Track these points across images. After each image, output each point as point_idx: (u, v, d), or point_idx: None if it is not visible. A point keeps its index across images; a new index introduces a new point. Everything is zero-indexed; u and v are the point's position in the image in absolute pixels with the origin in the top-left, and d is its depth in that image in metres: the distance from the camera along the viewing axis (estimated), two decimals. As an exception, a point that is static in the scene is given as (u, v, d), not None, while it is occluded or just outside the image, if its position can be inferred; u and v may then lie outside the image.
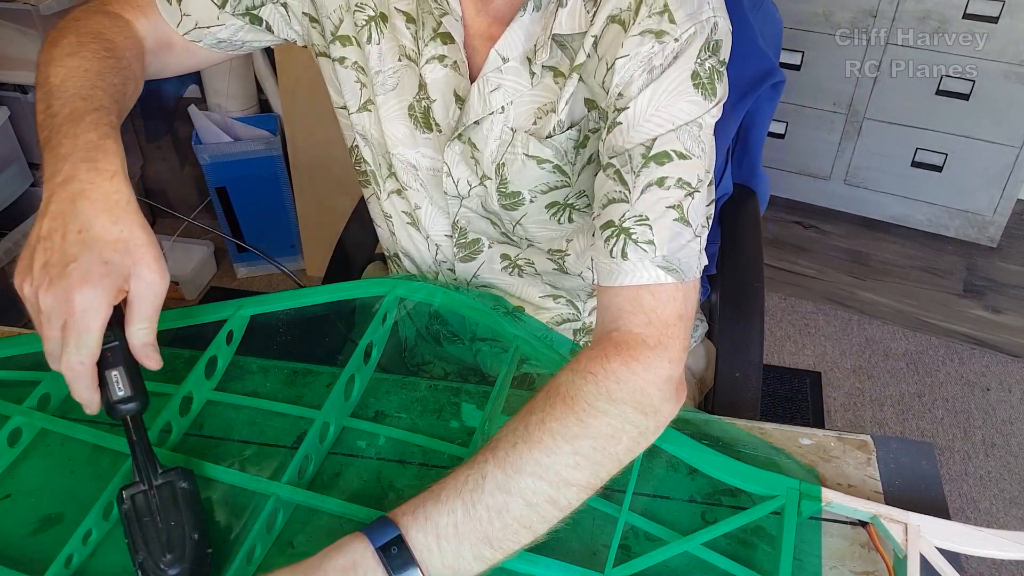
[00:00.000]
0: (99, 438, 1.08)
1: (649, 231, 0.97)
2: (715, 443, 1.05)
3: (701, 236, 1.00)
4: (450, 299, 1.23)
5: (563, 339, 1.17)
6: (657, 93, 0.99)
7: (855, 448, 1.07)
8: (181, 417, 1.11)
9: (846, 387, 2.81)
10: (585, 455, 0.88)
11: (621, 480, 1.01)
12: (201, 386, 1.15)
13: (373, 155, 1.29)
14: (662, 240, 0.96)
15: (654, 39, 1.00)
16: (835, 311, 3.09)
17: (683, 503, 1.01)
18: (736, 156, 1.71)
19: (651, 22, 1.00)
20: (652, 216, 0.97)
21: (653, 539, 0.96)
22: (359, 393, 1.15)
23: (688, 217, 0.98)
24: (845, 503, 0.96)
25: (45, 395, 1.14)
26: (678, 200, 0.97)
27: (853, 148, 2.85)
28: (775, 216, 3.03)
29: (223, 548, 0.97)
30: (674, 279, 0.96)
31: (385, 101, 1.21)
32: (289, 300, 1.23)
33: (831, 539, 0.97)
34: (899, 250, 2.94)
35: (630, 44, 1.00)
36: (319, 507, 0.99)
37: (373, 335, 1.17)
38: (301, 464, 1.02)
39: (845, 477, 1.03)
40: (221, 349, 1.18)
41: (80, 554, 0.96)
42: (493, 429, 1.09)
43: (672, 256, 0.96)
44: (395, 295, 1.22)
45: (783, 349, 2.95)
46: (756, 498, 0.99)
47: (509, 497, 0.86)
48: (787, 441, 1.08)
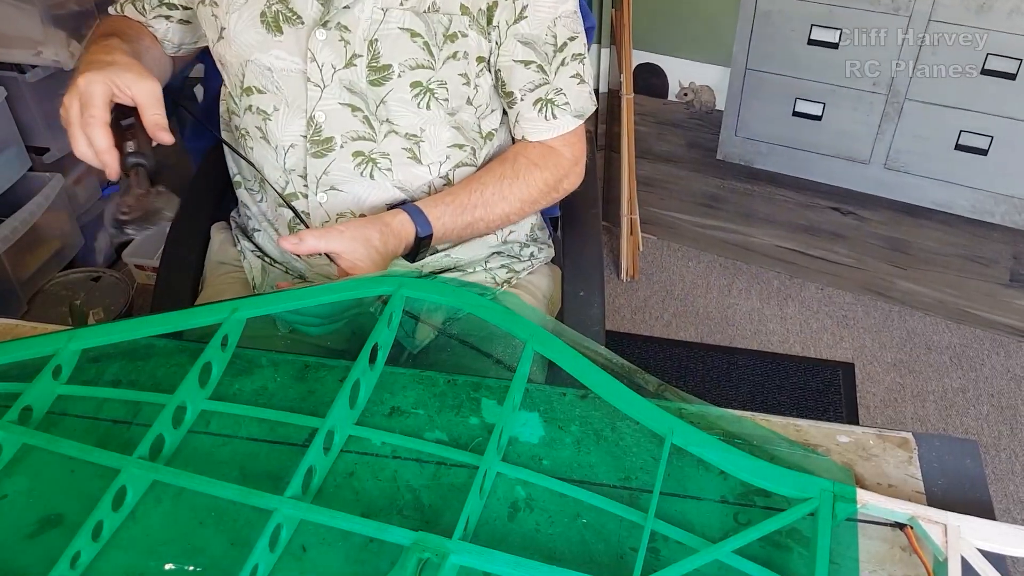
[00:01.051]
0: (84, 452, 1.06)
1: (565, 97, 1.50)
2: (745, 443, 1.05)
3: (589, 82, 1.54)
4: (459, 297, 1.21)
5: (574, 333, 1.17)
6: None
7: (895, 446, 1.07)
8: (174, 429, 1.09)
9: (886, 382, 2.80)
10: (526, 199, 1.52)
11: (648, 482, 1.01)
12: (195, 395, 1.13)
13: (230, 79, 1.51)
14: (573, 99, 1.51)
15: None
16: (874, 302, 3.07)
17: (714, 504, 1.01)
18: None
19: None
20: (566, 87, 1.50)
21: (683, 543, 0.96)
22: (365, 398, 1.14)
23: (585, 77, 1.52)
24: (881, 504, 0.96)
25: (27, 408, 1.13)
26: (577, 70, 1.51)
27: (893, 130, 2.83)
28: (810, 202, 3.02)
29: (222, 569, 0.96)
30: (581, 120, 1.55)
31: (239, 17, 1.41)
32: (287, 302, 1.21)
33: (870, 542, 0.96)
34: (942, 237, 2.92)
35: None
36: (325, 523, 0.98)
37: (379, 336, 1.16)
38: (305, 476, 1.01)
39: (885, 476, 1.03)
40: (216, 355, 1.16)
41: (88, 551, 0.96)
42: (512, 427, 1.09)
43: (581, 108, 1.53)
44: (401, 294, 1.20)
45: (820, 342, 2.94)
46: (789, 500, 0.99)
47: (481, 211, 1.47)
48: (824, 439, 1.07)
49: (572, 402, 1.13)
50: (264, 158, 1.51)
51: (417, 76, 1.41)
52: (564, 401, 1.13)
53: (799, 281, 3.17)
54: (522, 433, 1.09)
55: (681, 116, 3.06)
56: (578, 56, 1.49)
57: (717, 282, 3.19)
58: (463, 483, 1.03)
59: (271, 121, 1.46)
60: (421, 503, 1.01)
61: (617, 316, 3.06)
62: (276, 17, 1.39)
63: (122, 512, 1.01)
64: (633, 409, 1.06)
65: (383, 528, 0.93)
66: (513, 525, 0.99)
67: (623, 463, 1.06)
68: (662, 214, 3.33)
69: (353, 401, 1.11)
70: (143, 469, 1.03)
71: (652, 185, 3.26)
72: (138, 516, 1.02)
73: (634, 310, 3.08)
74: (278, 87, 1.44)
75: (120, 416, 1.14)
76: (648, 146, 3.17)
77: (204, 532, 1.00)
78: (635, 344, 2.95)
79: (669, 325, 3.03)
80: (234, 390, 1.17)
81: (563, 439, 1.08)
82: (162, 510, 1.03)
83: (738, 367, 2.87)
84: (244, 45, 1.42)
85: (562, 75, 1.49)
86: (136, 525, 1.01)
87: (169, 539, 1.00)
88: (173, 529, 1.01)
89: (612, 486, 1.03)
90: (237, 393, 1.16)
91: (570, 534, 0.98)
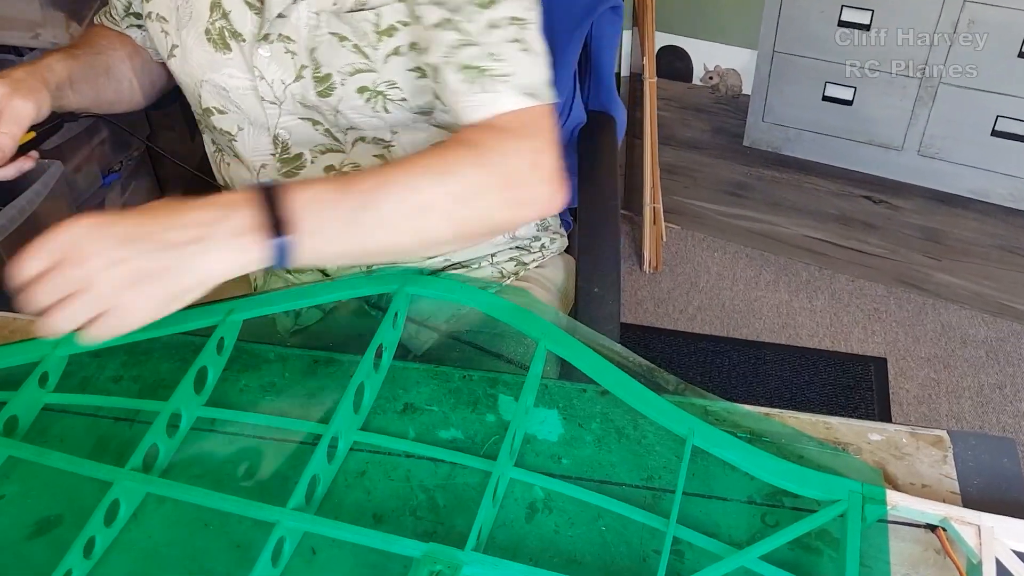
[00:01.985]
0: (74, 465, 1.06)
1: (505, 65, 1.17)
2: (771, 443, 1.05)
3: (542, 57, 1.21)
4: (467, 294, 1.21)
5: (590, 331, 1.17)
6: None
7: (929, 444, 1.06)
8: (169, 438, 1.09)
9: (919, 378, 2.79)
10: (454, 194, 1.10)
11: (672, 481, 1.01)
12: (190, 402, 1.13)
13: (189, 97, 1.46)
14: (517, 69, 1.18)
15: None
16: (908, 294, 3.06)
17: (741, 504, 1.01)
18: (591, 85, 1.90)
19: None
20: (502, 54, 1.17)
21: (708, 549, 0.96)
22: (370, 402, 1.14)
23: (533, 48, 1.20)
24: (912, 505, 0.96)
25: (12, 418, 1.13)
26: (517, 35, 1.18)
27: (927, 116, 2.82)
28: (841, 191, 3.01)
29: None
30: (533, 101, 1.17)
31: (187, 34, 1.35)
32: (285, 301, 1.22)
33: (903, 544, 0.96)
34: (978, 227, 2.91)
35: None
36: (331, 535, 0.97)
37: (384, 337, 1.16)
38: (308, 486, 1.00)
39: (918, 476, 1.03)
40: (211, 359, 1.16)
41: (80, 570, 0.96)
42: (528, 426, 1.09)
43: (529, 84, 1.18)
44: (406, 292, 1.21)
45: (851, 336, 2.93)
46: (819, 500, 0.99)
47: (383, 192, 1.07)
48: (855, 437, 1.07)
49: (592, 399, 1.13)
50: (240, 176, 1.48)
51: (360, 81, 1.30)
52: (584, 398, 1.13)
53: (829, 272, 3.16)
54: (540, 431, 1.09)
55: (706, 101, 3.05)
56: (518, 21, 1.19)
57: (743, 274, 3.18)
58: (479, 482, 1.03)
59: (237, 142, 1.43)
60: (435, 504, 1.02)
61: (639, 309, 3.06)
62: (221, 34, 1.33)
63: (115, 528, 1.01)
64: (652, 409, 1.06)
65: (392, 540, 0.93)
66: (531, 527, 0.99)
67: (646, 462, 1.05)
68: (686, 203, 3.32)
69: (358, 405, 1.11)
70: (136, 482, 1.03)
71: (676, 173, 3.25)
72: (133, 528, 1.02)
73: (657, 303, 3.08)
74: (237, 107, 1.39)
75: (122, 414, 1.15)
76: (672, 132, 3.16)
77: (204, 543, 1.00)
78: (658, 338, 2.95)
79: (693, 318, 3.02)
80: (240, 386, 1.17)
81: (583, 437, 1.08)
82: (159, 521, 1.03)
83: (765, 362, 2.86)
84: (196, 65, 1.38)
85: (494, 37, 1.18)
86: (131, 537, 1.01)
87: (166, 551, 1.00)
88: (171, 540, 1.01)
89: (634, 486, 1.03)
90: (244, 389, 1.17)
91: (591, 536, 0.98)
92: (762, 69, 2.90)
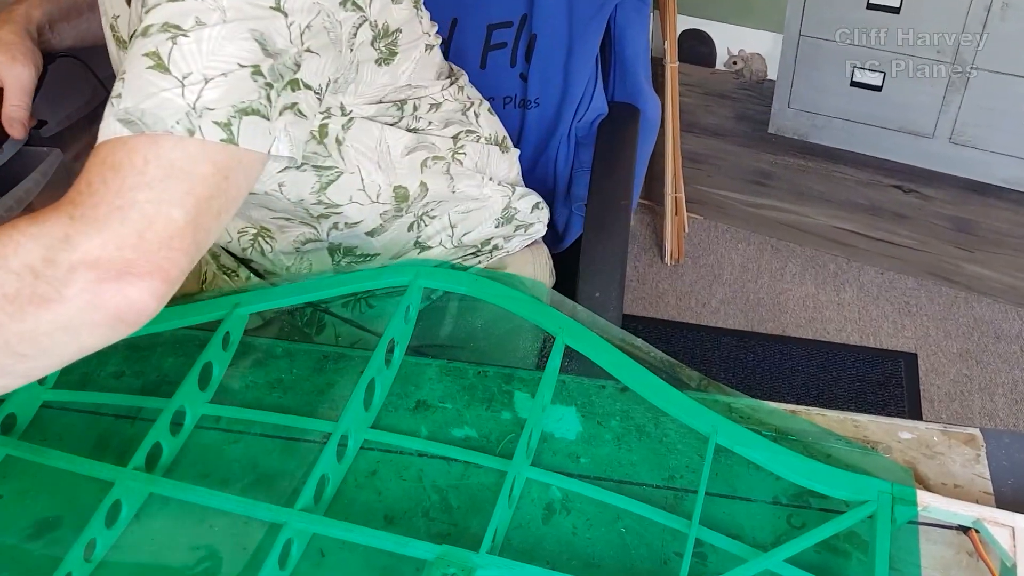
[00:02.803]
0: (74, 464, 1.06)
1: (121, 84, 0.93)
2: (798, 441, 1.04)
3: (193, 85, 0.92)
4: (482, 287, 1.20)
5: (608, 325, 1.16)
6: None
7: (962, 443, 1.06)
8: (172, 436, 1.09)
9: (951, 374, 2.78)
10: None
11: (695, 481, 1.01)
12: (195, 399, 1.13)
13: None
14: (129, 91, 0.92)
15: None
16: (939, 287, 3.05)
17: (766, 505, 1.00)
18: (616, 74, 1.87)
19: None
20: (128, 68, 0.94)
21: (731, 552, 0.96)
22: (381, 399, 1.13)
23: (168, 64, 0.92)
24: (944, 506, 0.95)
25: (10, 416, 1.14)
26: (155, 46, 0.93)
27: (960, 102, 2.80)
28: (870, 180, 3.00)
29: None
30: (131, 131, 0.90)
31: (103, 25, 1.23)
32: (293, 295, 1.21)
33: (934, 546, 0.96)
34: (1012, 217, 2.90)
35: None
36: (340, 537, 0.97)
37: (395, 332, 1.15)
38: (317, 486, 1.00)
39: (950, 476, 1.02)
40: (217, 355, 1.16)
41: (80, 572, 0.96)
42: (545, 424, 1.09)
43: (135, 107, 0.91)
44: (418, 284, 1.20)
45: (880, 330, 2.92)
46: (847, 501, 0.98)
47: None
48: (885, 435, 1.07)
49: (612, 395, 1.13)
50: None
51: None
52: (603, 394, 1.13)
53: (857, 265, 3.15)
54: (557, 429, 1.09)
55: (730, 86, 3.04)
56: (170, 29, 0.93)
57: (768, 266, 3.17)
58: (494, 482, 1.03)
59: None
60: (449, 505, 1.01)
61: (660, 302, 3.05)
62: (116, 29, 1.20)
63: (116, 529, 1.01)
64: (674, 407, 1.06)
65: (404, 542, 0.93)
66: (548, 529, 0.99)
67: (667, 461, 1.05)
68: (709, 192, 3.31)
69: (368, 402, 1.10)
70: (138, 482, 1.03)
71: (698, 161, 3.25)
72: (134, 532, 1.02)
73: (679, 296, 3.07)
74: None
75: (123, 411, 1.15)
76: (694, 119, 3.16)
77: (206, 549, 1.00)
78: (680, 332, 2.95)
79: (717, 312, 3.02)
80: (246, 382, 1.17)
81: (602, 435, 1.08)
82: (162, 522, 1.03)
83: (791, 358, 2.86)
84: (114, 60, 1.26)
85: (132, 49, 0.95)
86: (132, 542, 1.02)
87: (168, 557, 1.00)
88: (172, 546, 1.01)
89: (655, 486, 1.03)
90: (250, 385, 1.17)
91: (610, 538, 0.98)
92: (788, 53, 2.89)
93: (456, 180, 1.40)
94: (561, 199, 1.92)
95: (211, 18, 0.94)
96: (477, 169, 1.45)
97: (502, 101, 1.83)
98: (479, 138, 1.45)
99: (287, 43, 0.98)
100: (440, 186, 1.38)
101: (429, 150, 1.35)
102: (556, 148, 1.85)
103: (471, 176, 1.42)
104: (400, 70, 1.25)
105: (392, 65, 1.23)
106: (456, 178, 1.40)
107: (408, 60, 1.26)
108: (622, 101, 1.90)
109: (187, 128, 0.91)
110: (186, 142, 0.91)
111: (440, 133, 1.37)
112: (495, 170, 1.50)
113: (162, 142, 0.90)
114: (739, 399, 1.09)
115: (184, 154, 0.91)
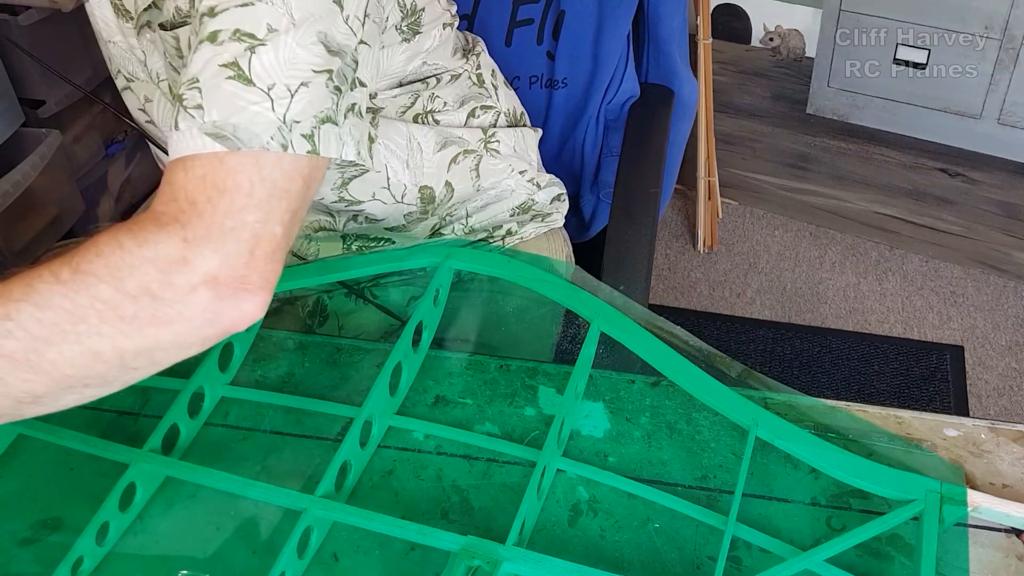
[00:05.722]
0: (88, 444, 1.06)
1: (199, 95, 0.94)
2: (839, 437, 1.04)
3: (281, 99, 0.95)
4: (515, 270, 1.19)
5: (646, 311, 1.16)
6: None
7: (1011, 441, 1.05)
8: (191, 418, 1.10)
9: (1000, 368, 2.77)
10: (34, 322, 0.87)
11: (729, 481, 1.01)
12: (214, 380, 1.13)
13: (112, 66, 1.33)
14: (213, 103, 0.93)
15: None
16: (987, 276, 3.04)
17: (804, 507, 1.00)
18: (649, 54, 1.87)
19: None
20: (202, 76, 0.95)
21: (768, 551, 0.95)
22: (408, 385, 1.13)
23: (250, 76, 0.94)
24: (995, 507, 0.95)
25: None
26: (233, 56, 0.94)
27: (1009, 81, 2.79)
28: (914, 162, 2.99)
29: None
30: (225, 147, 0.92)
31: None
32: (322, 273, 1.22)
33: (982, 549, 0.95)
34: (1065, 202, 2.89)
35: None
36: (362, 526, 0.97)
37: (424, 315, 1.15)
38: (339, 473, 1.00)
39: (999, 475, 1.02)
40: (237, 336, 1.16)
41: (93, 557, 0.97)
42: (572, 417, 1.08)
43: (225, 122, 0.93)
44: (449, 266, 1.20)
45: (924, 322, 2.91)
46: (890, 502, 0.98)
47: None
48: (929, 432, 1.06)
49: (641, 390, 1.12)
50: (161, 139, 1.39)
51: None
52: (632, 390, 1.13)
53: (900, 252, 3.15)
54: (584, 426, 1.09)
55: (766, 64, 3.04)
56: (245, 38, 0.94)
57: (807, 254, 3.17)
58: (517, 483, 1.03)
59: (151, 103, 1.34)
60: (470, 506, 1.01)
61: (693, 292, 3.05)
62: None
63: (130, 513, 1.02)
64: (713, 398, 1.05)
65: (427, 532, 0.93)
66: (574, 531, 0.99)
67: (700, 460, 1.05)
68: (744, 176, 3.31)
69: (394, 388, 1.10)
70: (154, 464, 1.03)
71: (733, 143, 3.24)
72: (148, 517, 1.03)
73: (712, 285, 3.07)
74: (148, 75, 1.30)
75: (126, 406, 1.15)
76: (728, 99, 3.15)
77: (223, 536, 1.01)
78: (713, 324, 2.94)
79: (752, 302, 3.01)
80: (256, 376, 1.17)
81: (631, 433, 1.08)
82: (176, 510, 1.03)
83: (831, 351, 2.85)
84: (107, 26, 1.27)
85: (201, 55, 0.95)
86: (146, 527, 1.02)
87: (183, 543, 1.00)
88: (188, 532, 1.01)
89: (687, 486, 1.03)
90: (260, 380, 1.17)
91: (639, 540, 0.97)
92: (827, 29, 2.88)
93: (483, 178, 1.41)
94: (588, 186, 1.91)
95: (281, 23, 0.95)
96: (516, 154, 1.45)
97: (528, 80, 1.83)
98: (499, 114, 1.45)
99: (346, 39, 1.00)
100: (465, 185, 1.39)
101: (459, 144, 1.36)
102: (584, 132, 1.85)
103: (498, 173, 1.43)
104: (421, 47, 1.27)
105: (413, 43, 1.25)
106: (483, 175, 1.41)
107: (428, 38, 1.27)
108: (656, 83, 1.90)
109: (281, 144, 0.94)
110: (283, 159, 0.95)
111: (456, 114, 1.38)
112: (532, 153, 1.51)
113: (262, 161, 0.94)
114: (776, 394, 1.09)
115: (282, 172, 0.95)
